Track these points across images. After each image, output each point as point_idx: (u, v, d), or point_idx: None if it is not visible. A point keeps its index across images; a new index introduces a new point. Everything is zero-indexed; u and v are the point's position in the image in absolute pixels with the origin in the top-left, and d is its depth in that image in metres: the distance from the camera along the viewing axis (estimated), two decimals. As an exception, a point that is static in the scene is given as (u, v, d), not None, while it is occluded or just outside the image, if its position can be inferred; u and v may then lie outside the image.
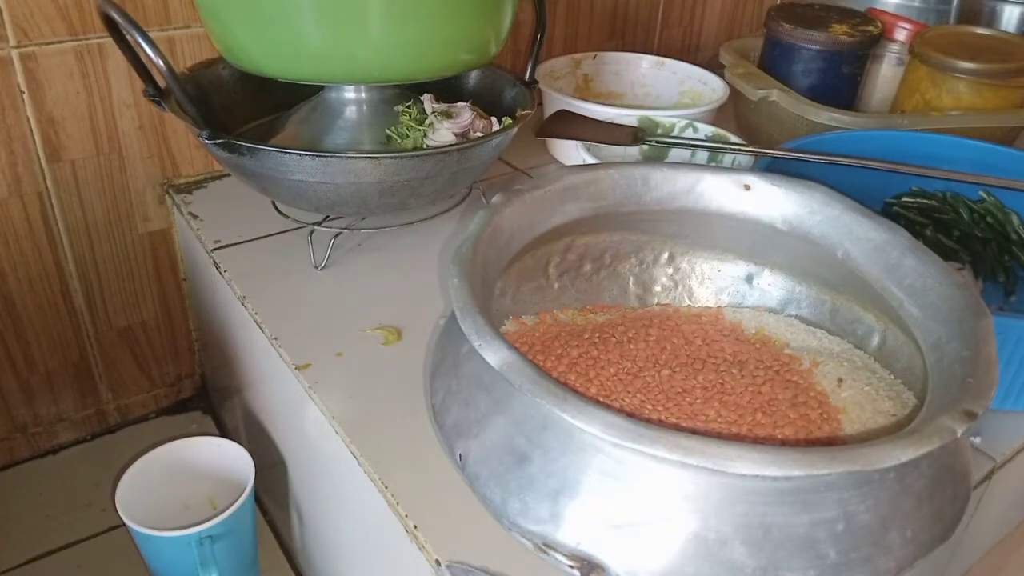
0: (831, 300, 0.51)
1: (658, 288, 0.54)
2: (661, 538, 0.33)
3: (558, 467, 0.35)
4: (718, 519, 0.33)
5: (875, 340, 0.49)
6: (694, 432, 0.33)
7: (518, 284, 0.50)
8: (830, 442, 0.40)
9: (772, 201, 0.50)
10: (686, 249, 0.54)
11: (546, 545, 0.35)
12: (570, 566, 0.35)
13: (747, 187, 0.50)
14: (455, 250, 0.42)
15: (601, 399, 0.41)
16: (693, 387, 0.43)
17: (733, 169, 0.51)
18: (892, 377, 0.46)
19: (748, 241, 0.52)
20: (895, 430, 0.38)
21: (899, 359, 0.46)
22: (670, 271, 0.54)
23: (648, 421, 0.36)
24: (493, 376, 0.37)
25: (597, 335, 0.47)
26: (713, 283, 0.54)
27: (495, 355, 0.35)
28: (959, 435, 0.32)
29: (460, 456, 0.39)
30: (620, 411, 0.32)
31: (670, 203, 0.51)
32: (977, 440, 0.52)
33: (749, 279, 0.53)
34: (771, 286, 0.53)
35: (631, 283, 0.53)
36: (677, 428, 0.37)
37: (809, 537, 0.33)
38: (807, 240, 0.49)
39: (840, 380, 0.45)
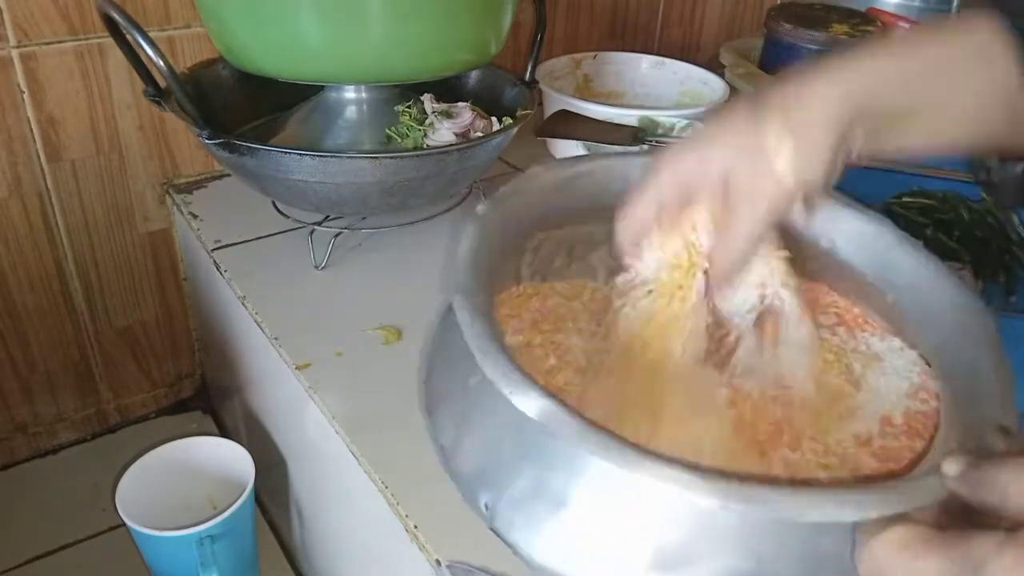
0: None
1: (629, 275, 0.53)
2: None
3: (602, 510, 0.34)
4: (773, 556, 0.32)
5: None
6: (754, 477, 0.32)
7: (494, 291, 0.49)
8: None
9: None
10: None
11: None
12: None
13: None
14: (452, 270, 0.39)
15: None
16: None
17: None
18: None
19: None
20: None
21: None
22: None
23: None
24: (521, 418, 0.33)
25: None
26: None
27: (533, 404, 0.32)
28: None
29: (485, 506, 0.36)
30: (680, 460, 0.31)
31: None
32: (977, 440, 0.52)
33: None
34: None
35: (600, 274, 0.53)
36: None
37: None
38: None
39: None
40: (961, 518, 0.28)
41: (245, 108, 0.75)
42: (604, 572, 0.33)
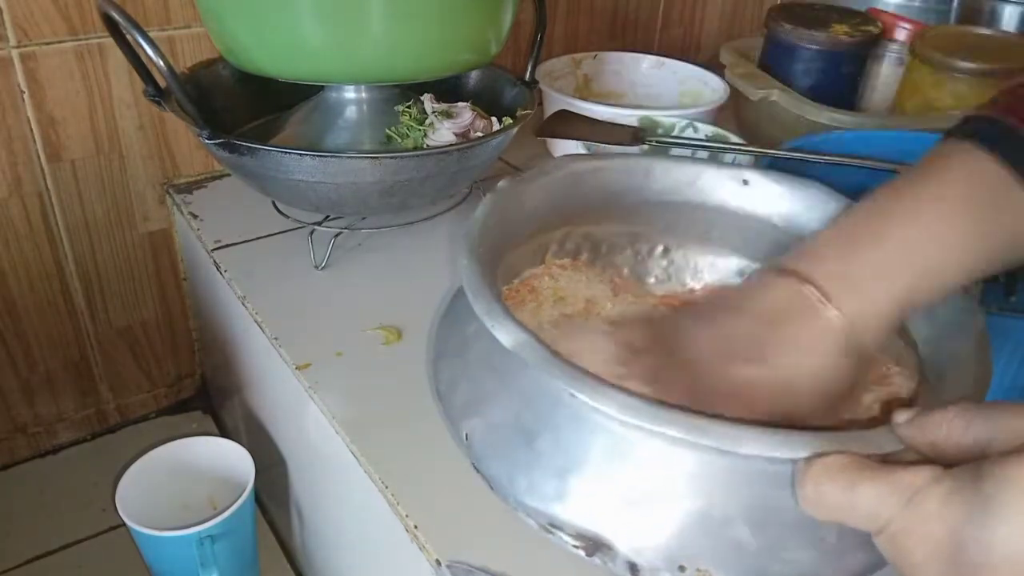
0: None
1: (652, 280, 0.54)
2: (667, 517, 0.34)
3: (566, 445, 0.35)
4: (724, 499, 0.33)
5: None
6: (705, 413, 0.33)
7: (515, 271, 0.50)
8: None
9: (770, 198, 0.50)
10: (681, 242, 0.54)
11: (551, 525, 0.35)
12: (575, 546, 0.35)
13: (745, 182, 0.50)
14: (464, 231, 0.42)
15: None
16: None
17: (734, 165, 0.51)
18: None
19: (743, 237, 0.52)
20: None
21: (888, 355, 0.47)
22: (664, 263, 0.54)
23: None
24: (503, 355, 0.37)
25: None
26: (706, 277, 0.54)
27: (508, 335, 0.35)
28: None
29: (467, 436, 0.39)
30: (633, 391, 0.32)
31: (670, 196, 0.51)
32: (977, 440, 0.52)
33: (741, 274, 0.54)
34: None
35: (625, 274, 0.54)
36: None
37: (811, 520, 0.33)
38: (802, 237, 0.49)
39: None
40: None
41: (245, 108, 0.75)
42: (571, 505, 0.35)
